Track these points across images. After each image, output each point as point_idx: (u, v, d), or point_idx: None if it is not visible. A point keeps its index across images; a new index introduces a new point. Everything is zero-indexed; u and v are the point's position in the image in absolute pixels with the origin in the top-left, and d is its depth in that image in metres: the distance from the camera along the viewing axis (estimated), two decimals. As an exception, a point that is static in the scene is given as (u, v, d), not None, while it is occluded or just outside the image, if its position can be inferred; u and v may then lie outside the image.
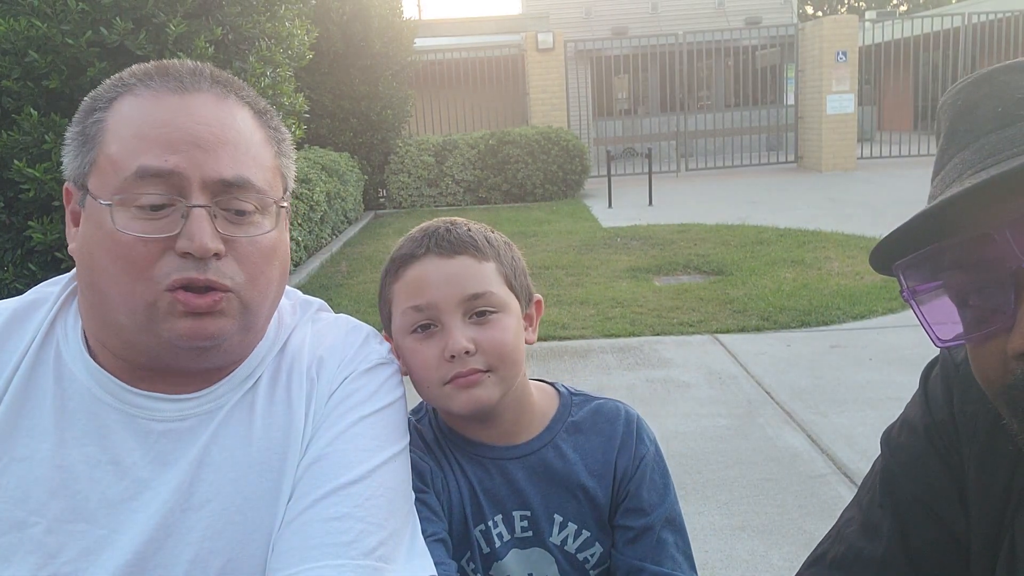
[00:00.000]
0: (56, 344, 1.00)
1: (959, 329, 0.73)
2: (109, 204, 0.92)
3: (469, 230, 1.16)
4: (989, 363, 0.72)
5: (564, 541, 1.18)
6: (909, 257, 0.74)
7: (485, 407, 1.12)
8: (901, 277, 0.76)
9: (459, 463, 1.19)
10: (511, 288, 1.17)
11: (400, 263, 1.15)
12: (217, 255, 0.92)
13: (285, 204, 1.03)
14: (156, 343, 0.94)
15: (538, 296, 1.25)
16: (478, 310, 1.12)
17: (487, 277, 1.13)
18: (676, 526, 1.20)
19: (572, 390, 1.27)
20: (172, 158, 0.91)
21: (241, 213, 0.95)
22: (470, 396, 1.11)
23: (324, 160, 10.51)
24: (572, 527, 1.18)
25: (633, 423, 1.23)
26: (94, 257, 0.94)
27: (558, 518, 1.18)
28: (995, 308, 0.69)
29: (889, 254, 0.77)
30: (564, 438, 1.20)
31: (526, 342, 1.18)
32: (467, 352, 1.09)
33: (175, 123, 0.93)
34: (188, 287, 0.92)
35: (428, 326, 1.12)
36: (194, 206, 0.91)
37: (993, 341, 0.70)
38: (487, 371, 1.11)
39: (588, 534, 1.18)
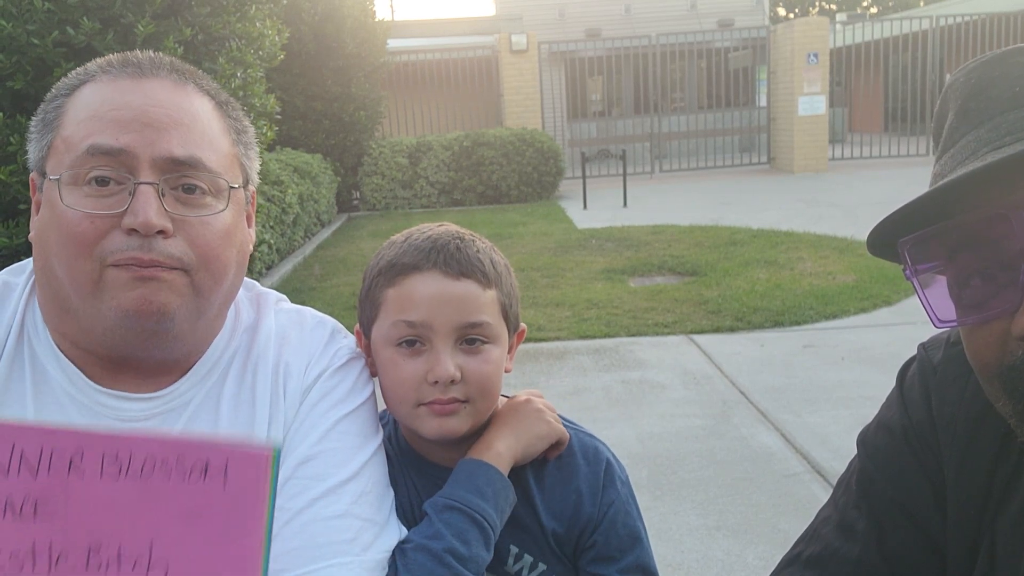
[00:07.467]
0: (28, 337, 1.00)
1: (961, 309, 0.73)
2: (57, 179, 0.92)
3: (478, 251, 1.11)
4: (987, 345, 0.72)
5: (519, 572, 1.15)
6: (917, 233, 0.74)
7: (454, 436, 1.10)
8: (906, 254, 0.75)
9: (413, 483, 1.16)
10: (506, 318, 1.13)
11: (400, 271, 1.09)
12: (163, 233, 0.92)
13: (236, 187, 1.01)
14: (104, 326, 0.93)
15: (523, 325, 1.21)
16: (470, 338, 1.08)
17: (487, 306, 1.09)
18: (649, 573, 1.16)
19: None
20: (123, 137, 0.91)
21: (191, 190, 0.95)
22: (442, 424, 1.08)
23: (296, 162, 10.42)
24: (528, 559, 1.14)
25: (602, 464, 1.17)
26: (47, 239, 0.94)
27: (514, 549, 1.14)
28: (1000, 289, 0.69)
29: (893, 232, 0.77)
30: (528, 472, 1.16)
31: (504, 371, 1.15)
32: (452, 381, 1.06)
33: (129, 104, 0.93)
34: (133, 265, 0.91)
35: (415, 342, 1.08)
36: (141, 183, 0.91)
37: (994, 323, 0.70)
38: (465, 401, 1.08)
39: (545, 567, 1.15)
